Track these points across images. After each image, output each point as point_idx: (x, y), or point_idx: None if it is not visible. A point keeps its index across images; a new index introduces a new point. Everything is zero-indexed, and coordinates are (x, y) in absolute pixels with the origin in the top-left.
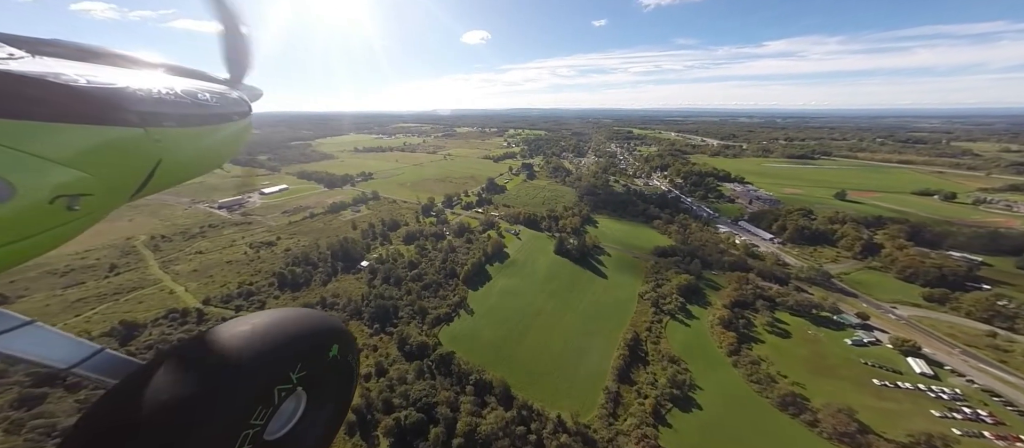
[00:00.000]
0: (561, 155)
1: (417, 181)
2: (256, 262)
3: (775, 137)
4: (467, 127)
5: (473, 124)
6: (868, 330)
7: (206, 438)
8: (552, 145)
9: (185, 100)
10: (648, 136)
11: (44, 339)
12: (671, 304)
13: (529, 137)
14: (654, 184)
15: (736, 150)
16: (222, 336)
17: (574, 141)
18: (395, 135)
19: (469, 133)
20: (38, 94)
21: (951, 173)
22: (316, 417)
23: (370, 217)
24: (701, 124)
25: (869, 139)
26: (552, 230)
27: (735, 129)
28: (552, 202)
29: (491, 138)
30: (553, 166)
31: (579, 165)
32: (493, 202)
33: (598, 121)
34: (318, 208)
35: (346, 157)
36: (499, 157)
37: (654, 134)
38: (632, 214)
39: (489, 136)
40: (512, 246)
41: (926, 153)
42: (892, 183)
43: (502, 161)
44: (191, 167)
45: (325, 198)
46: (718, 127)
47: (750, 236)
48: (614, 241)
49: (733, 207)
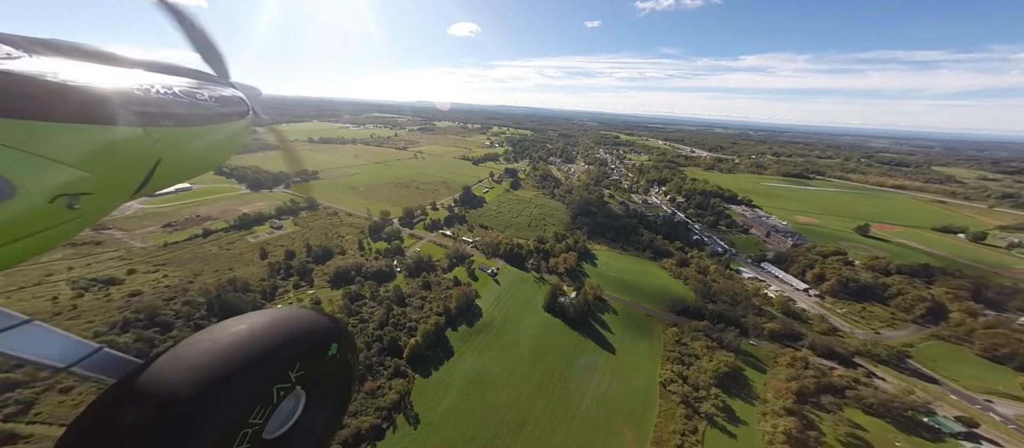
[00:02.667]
0: (549, 160)
1: (374, 185)
2: (68, 316)
3: (761, 151)
4: (448, 120)
5: (455, 118)
6: (975, 440)
7: (205, 437)
8: (538, 147)
9: (184, 100)
10: (636, 143)
11: (42, 338)
12: (708, 403)
13: (514, 137)
14: (654, 202)
15: (729, 164)
16: (220, 335)
17: (561, 144)
18: (365, 125)
19: (449, 128)
20: (37, 93)
21: (953, 204)
22: (315, 416)
23: (293, 239)
24: (683, 133)
25: (855, 159)
26: (541, 270)
27: (717, 140)
28: (540, 222)
29: (473, 136)
30: (540, 173)
31: (569, 173)
32: (467, 220)
33: (583, 124)
34: (221, 221)
35: (284, 148)
36: (480, 158)
37: (642, 141)
38: (636, 244)
39: (471, 133)
40: (487, 295)
41: (914, 176)
42: (904, 213)
43: (483, 164)
44: (190, 167)
45: (238, 205)
46: (699, 137)
47: (780, 283)
48: (618, 284)
49: (749, 241)
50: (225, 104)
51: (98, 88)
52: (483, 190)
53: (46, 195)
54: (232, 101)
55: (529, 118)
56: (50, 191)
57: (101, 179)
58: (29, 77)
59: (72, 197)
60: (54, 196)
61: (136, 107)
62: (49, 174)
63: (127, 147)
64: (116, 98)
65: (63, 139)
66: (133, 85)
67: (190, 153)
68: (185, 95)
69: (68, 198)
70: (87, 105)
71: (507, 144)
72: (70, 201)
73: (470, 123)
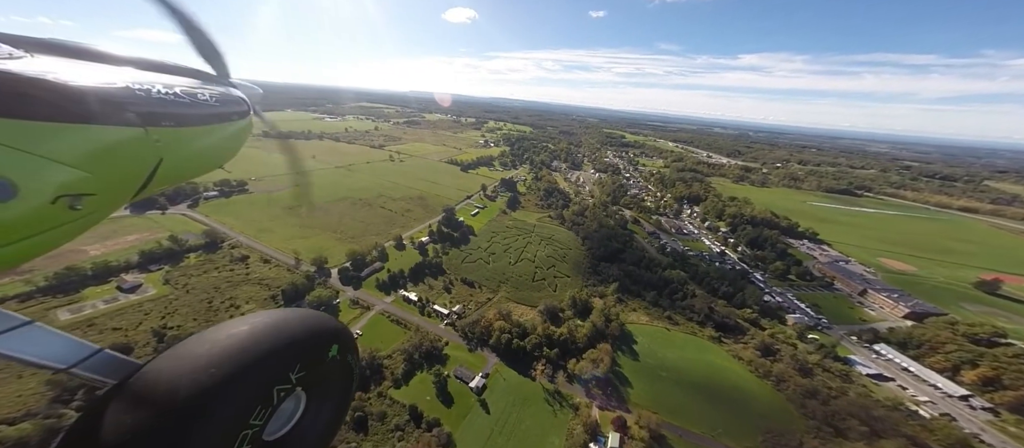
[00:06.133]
0: (552, 165)
1: (324, 204)
2: None
3: (782, 158)
4: (439, 114)
5: (448, 111)
6: None
7: (205, 438)
8: (539, 148)
9: (185, 100)
10: (645, 144)
11: (43, 340)
12: None
13: (512, 134)
14: (691, 231)
15: (758, 175)
16: (221, 336)
17: (565, 144)
18: (346, 116)
19: (439, 121)
20: (38, 94)
21: None
22: (315, 417)
23: (147, 313)
24: (685, 133)
25: (893, 171)
26: (552, 372)
27: (719, 141)
28: (548, 268)
29: (466, 131)
30: (545, 186)
31: (577, 183)
32: (445, 268)
33: (583, 120)
34: (38, 275)
35: (296, 176)
36: (471, 163)
37: (650, 142)
38: (685, 309)
39: (463, 128)
40: (469, 437)
41: (972, 194)
42: (1003, 251)
43: (474, 170)
44: (192, 167)
45: (89, 244)
46: (701, 137)
47: (914, 380)
48: (675, 389)
49: (838, 302)
50: (226, 103)
51: (99, 88)
52: (472, 212)
53: (48, 196)
54: (233, 100)
55: (526, 112)
56: (52, 192)
57: (103, 180)
58: (30, 77)
59: (74, 198)
60: (56, 197)
61: (137, 107)
62: (50, 175)
63: (128, 147)
64: (117, 98)
65: (64, 139)
66: (134, 85)
67: (192, 153)
68: (186, 95)
69: (70, 199)
70: (88, 105)
71: (504, 143)
72: (72, 202)
73: (464, 116)
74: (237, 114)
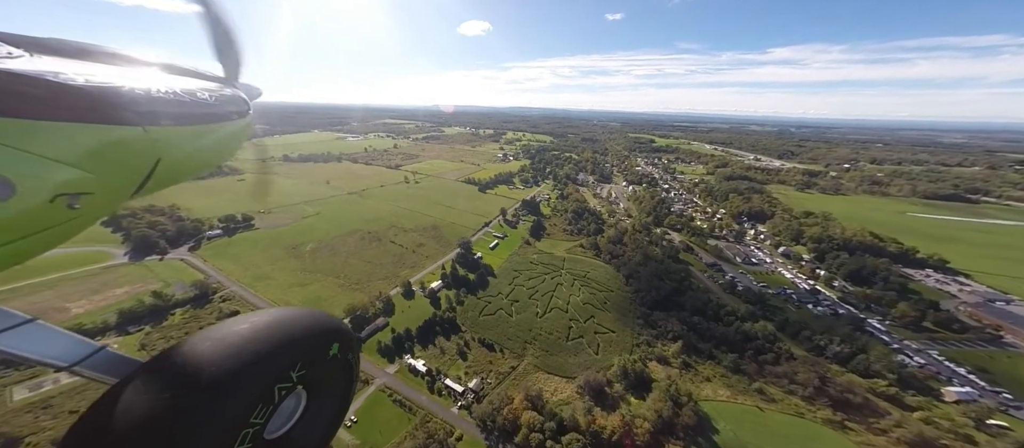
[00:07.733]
0: (577, 178)
1: (330, 241)
2: None
3: (849, 157)
4: (457, 127)
5: (468, 123)
6: None
7: (206, 436)
8: (562, 160)
9: (184, 99)
10: (678, 148)
11: (45, 337)
12: None
13: (531, 145)
14: (761, 258)
15: (827, 180)
16: (222, 334)
17: (589, 153)
18: (368, 135)
19: (458, 135)
20: (38, 93)
21: None
22: (316, 415)
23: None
24: (717, 133)
25: (1005, 165)
26: None
27: (760, 140)
28: (585, 320)
29: (484, 144)
30: (573, 206)
31: (609, 198)
32: (459, 322)
33: (604, 124)
34: None
35: (256, 172)
36: (488, 181)
37: (683, 145)
38: (772, 370)
39: (482, 140)
40: None
41: None
42: None
43: (492, 190)
44: (190, 166)
45: (70, 299)
46: (735, 136)
47: None
48: None
49: (1005, 361)
50: (226, 103)
51: (98, 87)
52: (491, 245)
53: (46, 195)
54: (233, 100)
55: (545, 120)
56: (50, 190)
57: (101, 179)
58: (29, 76)
59: (72, 197)
60: (54, 196)
61: (136, 106)
62: (49, 174)
63: (127, 146)
64: (115, 97)
65: (63, 138)
66: (133, 84)
67: (190, 152)
68: (185, 94)
69: (68, 198)
70: (87, 104)
71: (524, 155)
72: (70, 201)
73: (482, 128)
74: (236, 113)
